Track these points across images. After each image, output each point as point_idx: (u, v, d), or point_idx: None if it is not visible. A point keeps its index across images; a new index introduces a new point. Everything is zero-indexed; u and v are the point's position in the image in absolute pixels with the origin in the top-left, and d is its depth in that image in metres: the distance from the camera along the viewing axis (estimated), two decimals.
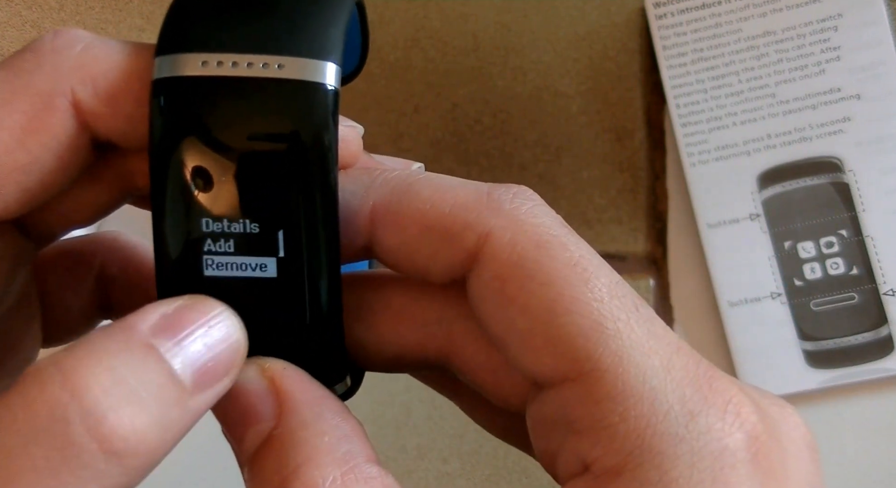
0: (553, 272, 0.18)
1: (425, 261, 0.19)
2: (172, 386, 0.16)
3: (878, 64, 0.45)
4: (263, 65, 0.18)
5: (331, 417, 0.18)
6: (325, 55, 0.18)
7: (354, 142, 0.20)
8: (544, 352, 0.18)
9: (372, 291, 0.20)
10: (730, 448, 0.17)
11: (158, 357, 0.16)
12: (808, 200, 0.46)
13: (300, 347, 0.19)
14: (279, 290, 0.18)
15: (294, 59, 0.18)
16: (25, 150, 0.18)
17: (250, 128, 0.18)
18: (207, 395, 0.17)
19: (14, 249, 0.20)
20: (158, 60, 0.18)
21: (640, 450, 0.17)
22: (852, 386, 0.46)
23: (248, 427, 0.18)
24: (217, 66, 0.18)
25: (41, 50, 0.19)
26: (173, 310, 0.17)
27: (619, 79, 0.48)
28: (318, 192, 0.18)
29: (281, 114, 0.18)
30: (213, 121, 0.18)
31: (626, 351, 0.17)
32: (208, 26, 0.18)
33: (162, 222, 0.18)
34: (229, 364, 0.18)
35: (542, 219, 0.18)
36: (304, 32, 0.18)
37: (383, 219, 0.19)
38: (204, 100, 0.18)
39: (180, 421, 0.17)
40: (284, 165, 0.18)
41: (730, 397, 0.17)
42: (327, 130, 0.18)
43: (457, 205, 0.19)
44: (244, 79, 0.18)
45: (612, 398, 0.17)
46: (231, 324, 0.18)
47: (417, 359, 0.20)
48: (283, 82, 0.18)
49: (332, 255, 0.18)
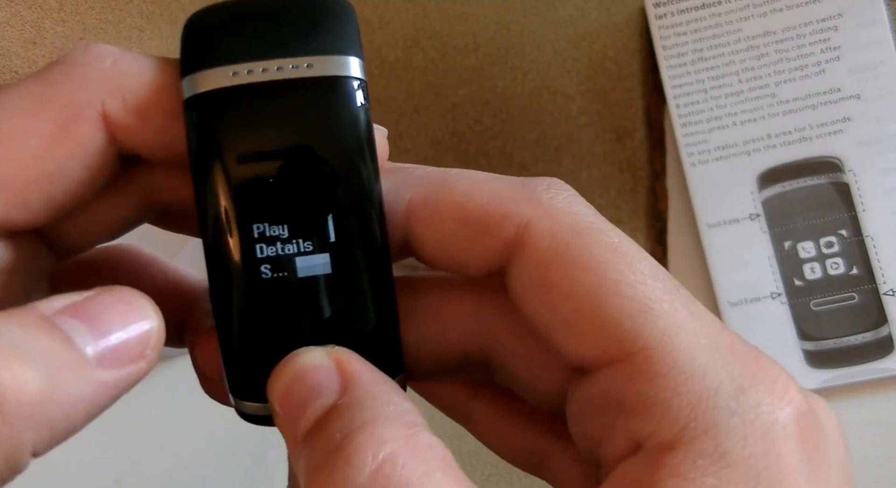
0: (594, 257, 0.18)
1: (463, 254, 0.19)
2: (67, 351, 0.16)
3: (878, 64, 0.45)
4: (293, 67, 0.18)
5: (393, 393, 0.18)
6: (348, 51, 0.19)
7: (381, 141, 0.21)
8: (591, 335, 0.18)
9: (411, 294, 0.21)
10: (780, 421, 0.17)
11: (53, 325, 0.17)
12: (808, 200, 0.46)
13: (359, 346, 0.19)
14: (335, 288, 0.19)
15: (320, 58, 0.18)
16: (52, 159, 0.18)
17: (290, 129, 0.18)
18: (118, 373, 0.17)
19: (36, 259, 0.20)
20: (186, 80, 0.19)
21: (695, 424, 0.17)
22: (852, 386, 0.46)
23: (311, 402, 0.18)
24: (248, 74, 0.18)
25: (72, 62, 0.19)
26: (84, 297, 0.17)
27: (619, 79, 0.48)
28: (363, 183, 0.18)
29: (318, 110, 0.18)
30: (253, 126, 0.18)
31: (672, 329, 0.18)
32: (228, 40, 0.19)
33: (212, 232, 0.19)
34: (141, 346, 0.18)
35: (578, 206, 0.19)
36: (321, 34, 0.19)
37: (420, 213, 0.19)
38: (241, 107, 0.18)
39: (77, 386, 0.16)
40: (327, 161, 0.18)
41: (777, 375, 0.18)
42: (364, 121, 0.18)
43: (494, 197, 0.19)
44: (278, 82, 0.18)
45: (663, 375, 0.17)
46: (144, 310, 0.18)
47: (458, 358, 0.21)
48: (315, 80, 0.18)
49: (384, 250, 0.19)
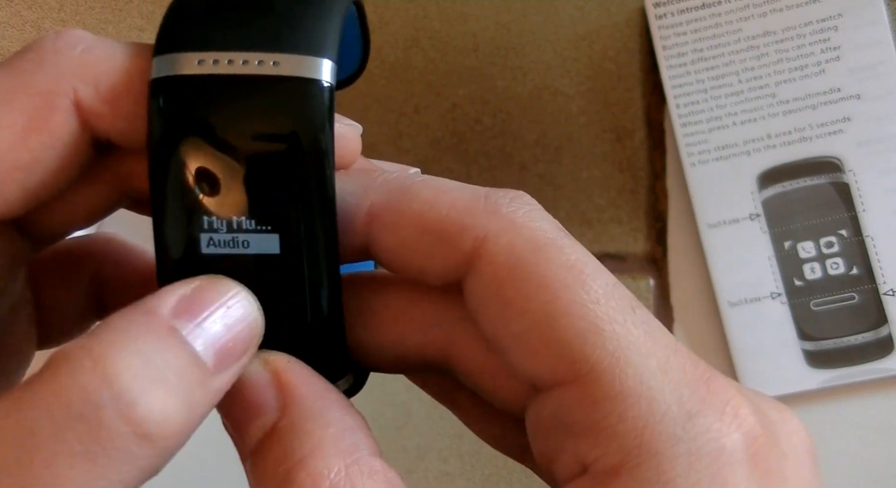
0: (550, 275, 0.18)
1: (421, 263, 0.19)
2: (196, 367, 0.17)
3: (878, 64, 0.45)
4: (259, 62, 0.18)
5: (335, 410, 0.18)
6: (320, 52, 0.18)
7: (353, 140, 0.20)
8: (542, 354, 0.18)
9: (373, 292, 0.20)
10: (727, 448, 0.17)
11: (181, 339, 0.17)
12: (808, 200, 0.46)
13: (302, 343, 0.19)
14: (279, 287, 0.18)
15: (289, 56, 0.18)
16: (27, 149, 0.18)
17: (247, 126, 0.18)
18: (227, 375, 0.17)
19: (13, 249, 0.20)
20: (156, 60, 0.18)
21: (639, 450, 0.17)
22: (852, 386, 0.46)
23: (252, 420, 0.18)
24: (213, 64, 0.18)
25: (43, 50, 0.19)
26: (191, 291, 0.17)
27: (619, 79, 0.48)
28: (315, 187, 0.18)
29: (277, 110, 0.18)
30: (210, 118, 0.18)
31: (623, 352, 0.17)
32: (205, 25, 0.19)
33: (162, 220, 0.18)
34: (248, 342, 0.18)
35: (539, 222, 0.18)
36: (299, 30, 0.18)
37: (381, 219, 0.19)
38: (200, 98, 0.18)
39: (203, 402, 0.17)
40: (281, 162, 0.18)
41: (728, 398, 0.17)
42: (323, 126, 0.18)
43: (454, 207, 0.19)
44: (240, 76, 0.18)
45: (610, 399, 0.17)
46: (248, 304, 0.18)
47: (419, 361, 0.20)
48: (278, 79, 0.18)
49: (331, 252, 0.18)
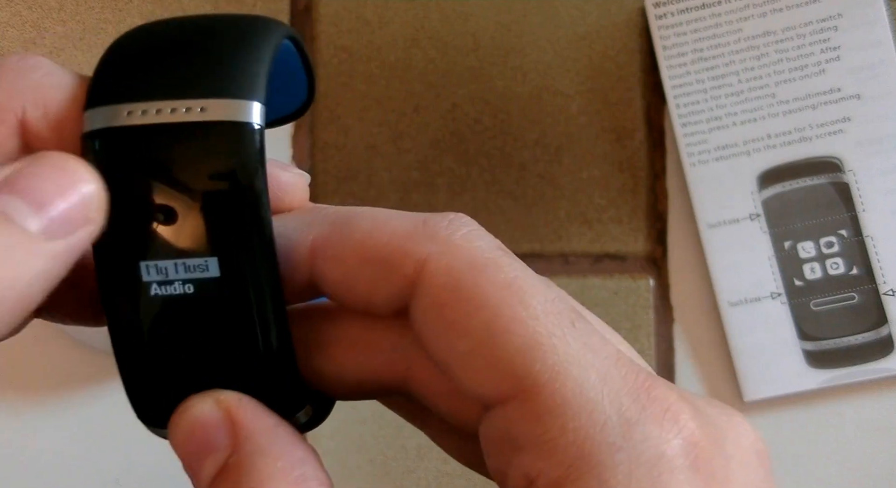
0: (488, 293, 0.18)
1: (367, 293, 0.19)
2: (8, 230, 0.17)
3: (878, 64, 0.45)
4: (186, 109, 0.18)
5: (284, 444, 0.18)
6: (247, 94, 0.18)
7: (300, 188, 0.21)
8: (485, 372, 0.18)
9: (328, 322, 0.20)
10: (667, 455, 0.17)
11: None
12: (807, 200, 0.46)
13: (254, 379, 0.19)
14: (227, 326, 0.19)
15: (216, 101, 0.18)
16: None
17: (177, 172, 0.18)
18: (66, 242, 0.17)
19: None
20: (87, 114, 0.19)
21: (580, 462, 0.17)
22: (852, 386, 0.46)
23: (205, 457, 0.18)
24: (141, 115, 0.18)
25: (5, 67, 0.19)
26: (12, 169, 0.17)
27: (619, 79, 0.48)
28: (253, 227, 0.18)
29: (208, 155, 0.18)
30: (140, 167, 0.18)
31: (562, 365, 0.17)
32: (134, 76, 0.19)
33: (104, 266, 0.19)
34: (85, 209, 0.18)
35: (477, 242, 0.19)
36: (226, 73, 0.19)
37: (323, 252, 0.19)
38: (130, 149, 0.18)
39: (29, 263, 0.17)
40: (215, 205, 0.18)
41: (668, 405, 0.17)
42: (255, 168, 0.18)
43: (395, 234, 0.19)
44: (168, 125, 0.18)
45: (550, 412, 0.17)
46: (78, 172, 0.18)
47: (379, 386, 0.21)
48: (206, 125, 0.18)
49: (274, 287, 0.19)
